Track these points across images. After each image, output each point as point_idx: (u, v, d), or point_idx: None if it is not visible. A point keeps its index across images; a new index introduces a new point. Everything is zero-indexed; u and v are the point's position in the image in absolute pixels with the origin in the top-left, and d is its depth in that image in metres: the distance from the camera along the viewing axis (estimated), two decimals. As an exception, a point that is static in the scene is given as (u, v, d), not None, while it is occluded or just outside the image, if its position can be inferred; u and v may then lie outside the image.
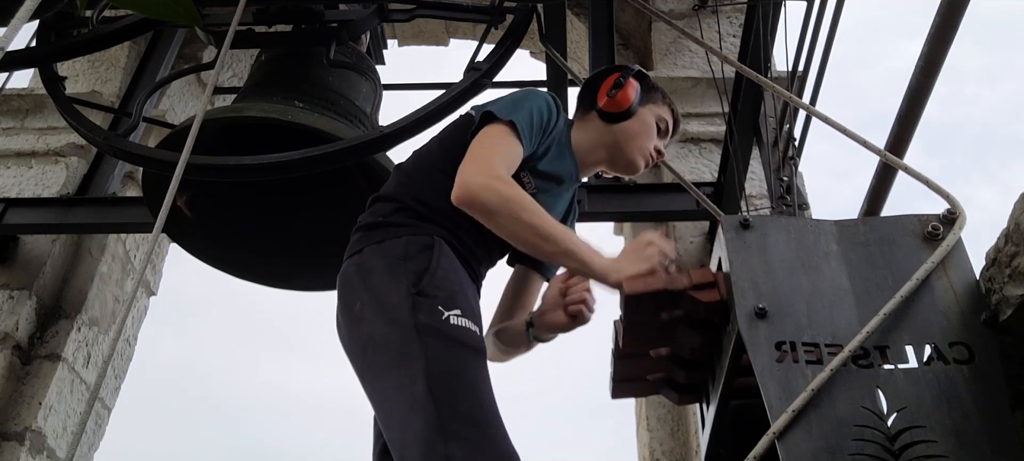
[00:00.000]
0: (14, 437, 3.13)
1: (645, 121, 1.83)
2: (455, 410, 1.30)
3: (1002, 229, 1.16)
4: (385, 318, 1.44)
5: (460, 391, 1.33)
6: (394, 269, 1.50)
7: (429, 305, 1.42)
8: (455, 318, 1.42)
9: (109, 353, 1.43)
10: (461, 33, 4.93)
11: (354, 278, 1.56)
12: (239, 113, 2.51)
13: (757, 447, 1.09)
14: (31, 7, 1.09)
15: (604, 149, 1.83)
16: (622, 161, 1.84)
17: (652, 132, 1.84)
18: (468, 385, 1.35)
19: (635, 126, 1.81)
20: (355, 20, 2.68)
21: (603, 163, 1.86)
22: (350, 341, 1.53)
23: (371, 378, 1.46)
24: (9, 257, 3.41)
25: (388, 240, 1.56)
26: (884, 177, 2.37)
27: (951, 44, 1.94)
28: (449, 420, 1.28)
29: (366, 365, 1.47)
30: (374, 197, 1.70)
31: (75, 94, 3.21)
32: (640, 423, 3.33)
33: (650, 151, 1.84)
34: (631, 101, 1.80)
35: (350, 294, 1.54)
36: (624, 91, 1.79)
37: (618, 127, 1.81)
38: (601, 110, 1.81)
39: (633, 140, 1.81)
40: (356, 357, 1.51)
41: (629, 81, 1.81)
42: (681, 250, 3.40)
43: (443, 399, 1.30)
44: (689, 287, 1.35)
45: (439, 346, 1.38)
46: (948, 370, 1.11)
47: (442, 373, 1.34)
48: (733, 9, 4.00)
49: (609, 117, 1.81)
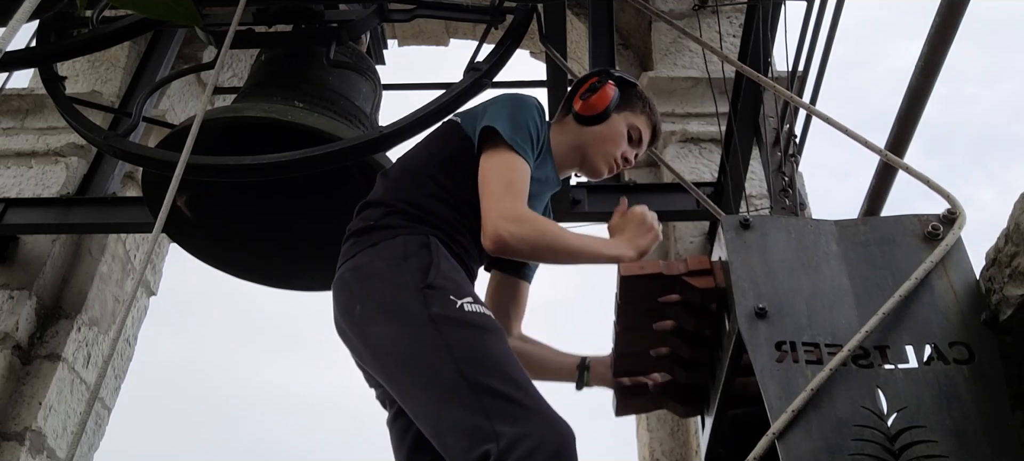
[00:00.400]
0: (14, 437, 3.13)
1: (615, 128, 1.84)
2: (491, 389, 1.30)
3: (1002, 229, 1.16)
4: (396, 317, 1.44)
5: (492, 369, 1.34)
6: (396, 269, 1.50)
7: (440, 296, 1.43)
8: (469, 305, 1.43)
9: (109, 353, 1.43)
10: (461, 33, 4.93)
11: (352, 282, 1.55)
12: (239, 113, 2.51)
13: (757, 447, 1.09)
14: (31, 7, 1.09)
15: (575, 151, 1.85)
16: (587, 165, 1.86)
17: (621, 140, 1.84)
18: (497, 364, 1.36)
19: (605, 131, 1.83)
20: (355, 20, 2.68)
21: (574, 165, 1.88)
22: (361, 345, 1.53)
23: (395, 379, 1.46)
24: (9, 257, 3.41)
25: (383, 242, 1.56)
26: (884, 177, 2.37)
27: (951, 44, 1.94)
28: (489, 400, 1.29)
29: (384, 366, 1.48)
30: (362, 204, 1.71)
31: (75, 94, 3.21)
32: (640, 423, 3.33)
33: (615, 158, 1.85)
34: (604, 105, 1.81)
35: (349, 299, 1.54)
36: (599, 95, 1.81)
37: (589, 130, 1.83)
38: (576, 113, 1.83)
39: (600, 145, 1.83)
40: (370, 360, 1.51)
41: (606, 85, 1.83)
42: (681, 250, 3.40)
43: (477, 382, 1.31)
44: (685, 273, 1.35)
45: (460, 333, 1.39)
46: (948, 370, 1.11)
47: (469, 358, 1.35)
48: (733, 9, 4.00)
49: (582, 120, 1.83)
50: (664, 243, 3.59)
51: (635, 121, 1.86)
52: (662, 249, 3.58)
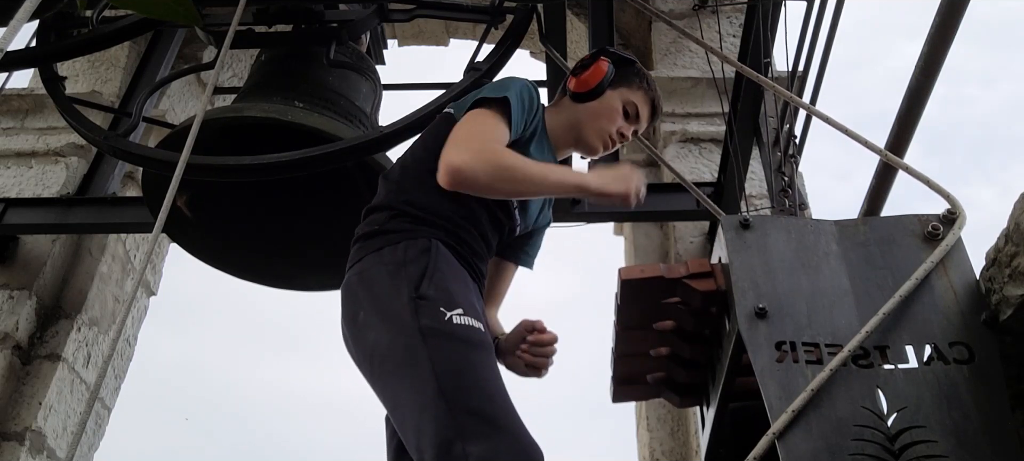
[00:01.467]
0: (14, 437, 3.13)
1: (609, 104, 1.82)
2: (467, 407, 1.30)
3: (1002, 229, 1.16)
4: (389, 326, 1.45)
5: (470, 388, 1.34)
6: (394, 276, 1.50)
7: (430, 308, 1.43)
8: (458, 317, 1.43)
9: (109, 353, 1.43)
10: (461, 33, 4.93)
11: (357, 288, 1.56)
12: (239, 113, 2.51)
13: (757, 447, 1.09)
14: (31, 7, 1.09)
15: (571, 130, 1.84)
16: (582, 142, 1.84)
17: (615, 115, 1.83)
18: (477, 381, 1.36)
19: (598, 107, 1.82)
20: (355, 20, 2.68)
21: (571, 145, 1.87)
22: (357, 351, 1.53)
23: (382, 386, 1.47)
24: (9, 257, 3.41)
25: (387, 247, 1.56)
26: (884, 177, 2.37)
27: (952, 43, 1.94)
28: (463, 417, 1.29)
29: (376, 373, 1.48)
30: (367, 208, 1.71)
31: (75, 94, 3.21)
32: (640, 423, 3.33)
33: (610, 133, 1.83)
34: (597, 80, 1.80)
35: (354, 304, 1.55)
36: (592, 71, 1.81)
37: (583, 107, 1.82)
38: (570, 91, 1.83)
39: (594, 121, 1.82)
40: (365, 366, 1.52)
41: (599, 61, 1.82)
42: (681, 250, 3.40)
43: (454, 398, 1.31)
44: (686, 275, 1.35)
45: (444, 347, 1.38)
46: (948, 370, 1.11)
47: (450, 372, 1.35)
48: (733, 9, 4.00)
49: (576, 97, 1.82)
50: (664, 243, 3.59)
51: (631, 97, 1.84)
52: (662, 250, 3.58)
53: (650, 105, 1.87)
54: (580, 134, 1.83)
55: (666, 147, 3.68)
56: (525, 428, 1.33)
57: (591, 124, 1.82)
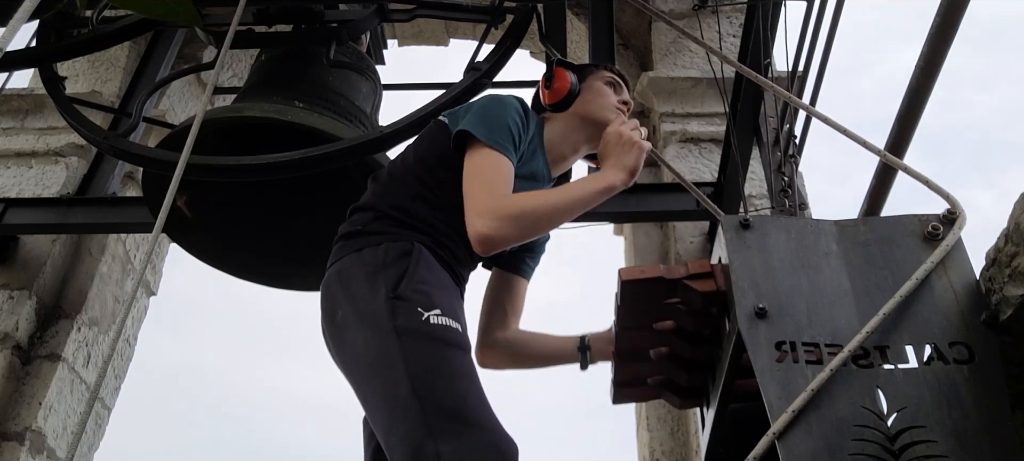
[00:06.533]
0: (14, 437, 3.13)
1: (595, 87, 1.87)
2: (440, 406, 1.30)
3: (1002, 229, 1.16)
4: (366, 325, 1.44)
5: (443, 388, 1.33)
6: (373, 276, 1.50)
7: (407, 308, 1.42)
8: (435, 317, 1.42)
9: (109, 353, 1.43)
10: (461, 33, 4.93)
11: (335, 286, 1.56)
12: (239, 113, 2.51)
13: (757, 447, 1.09)
14: (31, 7, 1.09)
15: (576, 131, 1.85)
16: (598, 126, 1.82)
17: (608, 92, 1.87)
18: (451, 381, 1.35)
19: (587, 95, 1.85)
20: (355, 20, 2.68)
21: (583, 144, 1.87)
22: (336, 349, 1.53)
23: (358, 385, 1.46)
24: (9, 257, 3.41)
25: (367, 248, 1.56)
26: (884, 178, 2.37)
27: (951, 43, 1.94)
28: (435, 417, 1.28)
29: (352, 373, 1.48)
30: (352, 208, 1.70)
31: (75, 94, 3.21)
32: (640, 423, 3.33)
33: (616, 104, 1.86)
34: (568, 80, 1.83)
35: (332, 303, 1.55)
36: (557, 77, 1.83)
37: (574, 106, 1.84)
38: (552, 105, 1.84)
39: (594, 102, 1.84)
40: (343, 365, 1.52)
41: (554, 69, 1.85)
42: (681, 250, 3.40)
43: (427, 398, 1.30)
44: (686, 276, 1.35)
45: (419, 346, 1.38)
46: (948, 370, 1.11)
47: (423, 372, 1.34)
48: (733, 9, 4.00)
49: (562, 105, 1.83)
50: (664, 243, 3.59)
51: (602, 77, 1.89)
52: (662, 250, 3.58)
53: (618, 75, 1.93)
54: (591, 123, 1.84)
55: (666, 147, 3.68)
56: (499, 424, 1.32)
57: (594, 105, 1.84)
